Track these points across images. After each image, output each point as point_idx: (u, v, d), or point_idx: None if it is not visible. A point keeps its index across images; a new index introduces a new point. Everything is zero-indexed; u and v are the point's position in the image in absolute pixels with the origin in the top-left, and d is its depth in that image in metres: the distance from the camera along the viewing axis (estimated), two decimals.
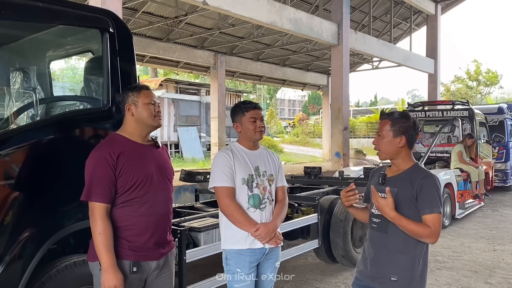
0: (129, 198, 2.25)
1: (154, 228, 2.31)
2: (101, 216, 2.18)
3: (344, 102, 11.86)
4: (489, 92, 37.89)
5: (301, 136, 31.74)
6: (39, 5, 2.55)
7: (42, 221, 2.46)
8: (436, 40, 17.40)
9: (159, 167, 2.39)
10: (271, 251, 2.72)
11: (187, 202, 6.04)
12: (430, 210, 2.17)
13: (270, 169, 2.79)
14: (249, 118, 2.75)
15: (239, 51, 16.95)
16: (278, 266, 2.82)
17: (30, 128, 2.69)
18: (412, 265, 2.24)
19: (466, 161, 8.99)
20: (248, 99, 9.98)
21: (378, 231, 2.29)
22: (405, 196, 2.22)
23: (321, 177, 6.68)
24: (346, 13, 12.10)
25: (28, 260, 2.38)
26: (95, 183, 2.19)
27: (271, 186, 2.77)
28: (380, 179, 2.31)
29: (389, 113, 2.36)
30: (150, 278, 2.35)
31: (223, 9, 8.52)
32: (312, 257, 5.61)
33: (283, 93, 57.80)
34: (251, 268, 2.65)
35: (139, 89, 2.38)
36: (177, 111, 21.33)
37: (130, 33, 3.09)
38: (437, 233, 2.18)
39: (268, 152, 2.89)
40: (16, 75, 3.37)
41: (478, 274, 5.10)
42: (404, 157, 2.30)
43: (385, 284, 2.24)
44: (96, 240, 2.18)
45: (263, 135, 2.82)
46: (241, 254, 2.64)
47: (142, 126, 2.36)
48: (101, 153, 2.23)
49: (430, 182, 2.22)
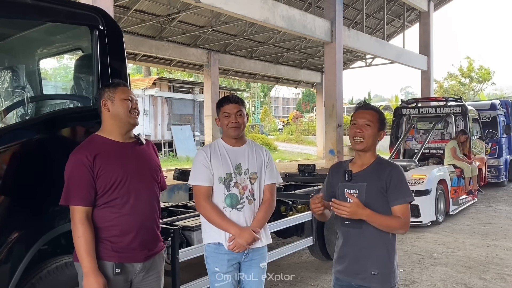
0: (110, 199, 2.21)
1: (137, 228, 2.26)
2: (80, 219, 2.14)
3: (337, 99, 11.84)
4: (481, 88, 38.07)
5: (295, 134, 31.74)
6: (28, 2, 2.52)
7: (32, 221, 2.43)
8: (429, 37, 17.44)
9: (141, 165, 2.33)
10: (252, 251, 2.59)
11: (181, 201, 6.01)
12: (404, 199, 2.24)
13: (253, 166, 2.63)
14: (223, 113, 2.61)
15: (232, 49, 16.90)
16: (264, 267, 2.68)
17: (19, 127, 2.66)
18: (389, 257, 2.29)
19: (460, 157, 9.02)
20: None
21: (353, 227, 2.29)
22: (375, 190, 2.25)
23: (315, 174, 6.67)
24: (339, 10, 12.08)
25: (17, 261, 2.34)
26: (73, 186, 2.16)
27: (254, 185, 2.62)
28: (347, 176, 2.31)
29: (372, 106, 2.42)
30: (136, 280, 2.30)
31: (216, 7, 8.46)
32: (306, 255, 5.60)
33: (277, 91, 57.77)
34: (230, 266, 2.56)
35: (116, 85, 2.34)
36: (171, 110, 21.26)
37: (120, 30, 3.05)
38: (408, 222, 2.25)
39: (255, 148, 2.71)
40: (5, 73, 3.33)
41: (472, 269, 5.11)
42: (374, 150, 2.36)
43: (367, 279, 2.27)
44: (76, 243, 2.14)
45: (239, 131, 2.62)
46: (218, 253, 2.56)
47: (118, 123, 2.29)
48: (78, 155, 2.20)
49: (399, 173, 2.29)
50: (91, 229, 2.16)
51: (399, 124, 10.49)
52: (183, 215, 4.31)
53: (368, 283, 2.27)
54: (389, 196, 2.24)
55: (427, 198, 7.35)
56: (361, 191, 2.26)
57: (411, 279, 4.78)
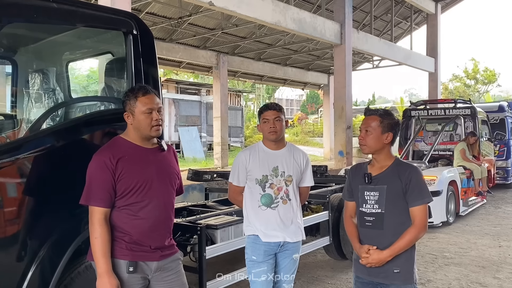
0: (127, 202, 2.24)
1: (151, 233, 2.29)
2: (99, 221, 2.17)
3: (347, 101, 11.94)
4: (487, 90, 37.99)
5: (301, 136, 31.78)
6: (68, 8, 2.62)
7: (70, 221, 2.52)
8: (436, 39, 17.48)
9: (161, 172, 2.35)
10: (287, 244, 2.87)
11: (196, 200, 6.10)
12: (422, 201, 2.31)
13: (290, 169, 2.86)
14: (262, 119, 2.91)
15: (241, 51, 17.00)
16: (296, 258, 2.94)
17: (58, 130, 2.72)
18: (411, 255, 2.37)
19: (469, 158, 9.08)
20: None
21: (374, 228, 2.37)
22: (395, 192, 2.33)
23: (328, 175, 6.75)
24: (348, 12, 12.18)
25: (59, 257, 2.44)
26: (94, 187, 2.19)
27: (289, 186, 2.86)
28: (367, 179, 2.39)
29: (376, 110, 2.48)
30: (154, 279, 2.32)
31: (229, 10, 8.58)
32: (321, 254, 5.69)
33: (281, 92, 57.75)
34: (266, 256, 2.82)
35: (135, 96, 2.29)
36: (178, 111, 21.38)
37: (152, 35, 3.15)
38: (426, 224, 2.33)
39: (294, 152, 2.94)
40: (37, 76, 3.45)
41: (486, 269, 5.19)
42: (387, 153, 2.42)
43: (389, 277, 2.34)
44: (93, 244, 2.18)
45: (276, 136, 2.84)
46: (256, 243, 2.84)
47: (141, 135, 2.32)
48: (101, 157, 2.22)
49: (418, 174, 2.36)
50: (108, 231, 2.20)
51: (408, 126, 10.56)
52: (204, 214, 4.40)
53: (390, 281, 2.35)
54: (408, 197, 2.31)
55: (438, 199, 7.42)
56: (382, 194, 2.35)
57: (426, 278, 4.86)
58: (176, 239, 3.66)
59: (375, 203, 2.37)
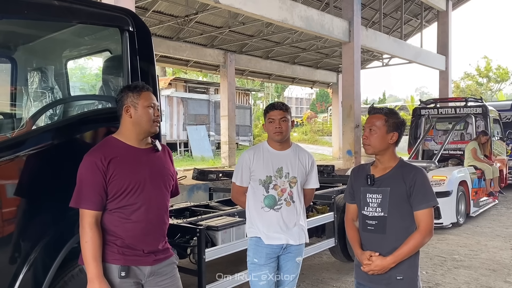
0: (119, 205, 2.16)
1: (144, 236, 2.21)
2: (89, 224, 2.09)
3: (355, 99, 11.78)
4: (499, 88, 37.49)
5: (310, 134, 31.63)
6: (61, 4, 2.55)
7: (63, 222, 2.45)
8: (447, 37, 17.22)
9: (155, 173, 2.26)
10: (290, 246, 2.81)
11: (201, 200, 6.03)
12: (427, 204, 2.20)
13: (294, 171, 2.79)
14: (268, 119, 2.83)
15: (248, 49, 16.92)
16: (299, 261, 2.89)
17: (54, 128, 2.66)
18: (414, 261, 2.27)
19: (481, 158, 8.90)
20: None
21: (376, 232, 2.27)
22: (398, 194, 2.23)
23: (334, 175, 6.63)
24: (357, 10, 12.02)
25: (51, 260, 2.37)
26: (85, 189, 2.11)
27: (293, 188, 2.79)
28: (369, 181, 2.29)
29: (381, 109, 2.36)
30: (148, 284, 2.24)
31: (235, 7, 8.49)
32: (327, 256, 5.58)
33: (290, 91, 57.60)
34: (268, 259, 2.76)
35: (139, 90, 2.25)
36: (186, 110, 21.38)
37: (149, 31, 3.09)
38: (431, 228, 2.22)
39: (299, 153, 2.87)
40: (34, 74, 3.39)
41: (497, 272, 5.04)
42: (392, 153, 2.31)
43: (392, 284, 2.25)
44: (84, 248, 2.10)
45: (282, 136, 2.77)
46: (258, 246, 2.78)
47: (139, 130, 2.23)
48: (92, 158, 2.14)
49: (423, 176, 2.25)
50: (99, 234, 2.12)
51: (418, 125, 10.39)
52: (206, 214, 4.32)
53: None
54: (412, 200, 2.20)
55: (448, 199, 7.27)
56: (385, 197, 2.24)
57: (434, 282, 4.73)
58: (176, 240, 3.60)
59: (377, 206, 2.26)
